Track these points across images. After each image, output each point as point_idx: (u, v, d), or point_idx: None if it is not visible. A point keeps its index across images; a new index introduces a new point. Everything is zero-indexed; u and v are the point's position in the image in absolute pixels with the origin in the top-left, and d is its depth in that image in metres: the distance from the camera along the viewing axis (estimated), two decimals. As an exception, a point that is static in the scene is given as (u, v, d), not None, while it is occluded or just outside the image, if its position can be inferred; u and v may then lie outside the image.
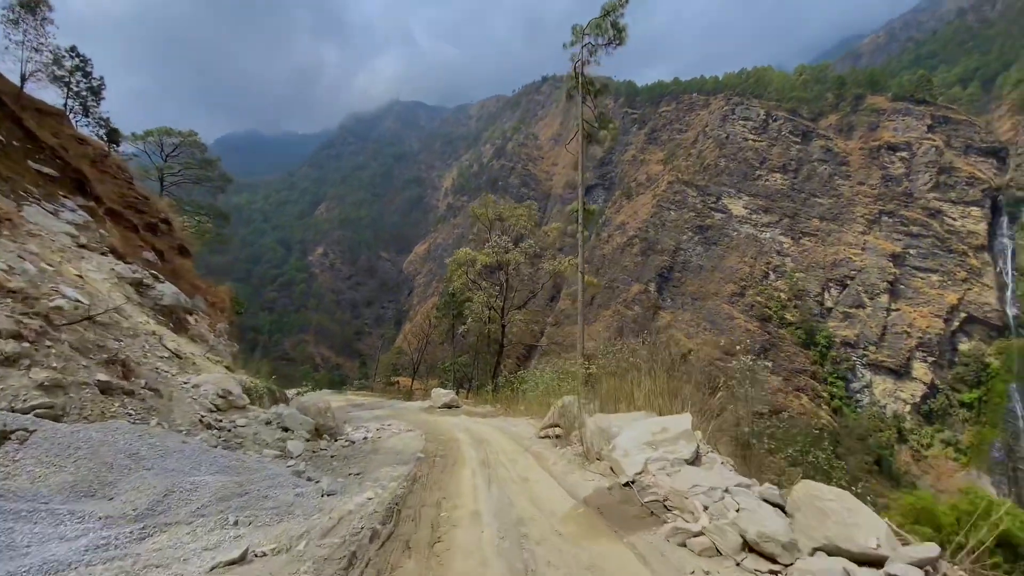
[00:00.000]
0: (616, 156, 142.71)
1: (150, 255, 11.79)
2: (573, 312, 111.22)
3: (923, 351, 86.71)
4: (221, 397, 6.38)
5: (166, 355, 7.04)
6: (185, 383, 6.41)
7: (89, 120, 18.78)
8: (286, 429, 6.66)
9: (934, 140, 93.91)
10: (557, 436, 6.98)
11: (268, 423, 6.58)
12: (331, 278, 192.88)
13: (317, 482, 4.74)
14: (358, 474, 5.33)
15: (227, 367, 8.92)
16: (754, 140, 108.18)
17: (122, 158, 16.31)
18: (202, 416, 5.80)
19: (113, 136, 18.48)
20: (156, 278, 9.75)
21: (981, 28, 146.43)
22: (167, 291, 9.62)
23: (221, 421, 6.04)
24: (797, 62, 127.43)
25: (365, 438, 7.89)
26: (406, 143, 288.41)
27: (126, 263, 9.18)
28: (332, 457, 6.21)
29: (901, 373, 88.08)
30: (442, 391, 18.35)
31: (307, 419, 6.88)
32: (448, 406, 17.30)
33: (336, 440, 7.17)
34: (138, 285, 8.98)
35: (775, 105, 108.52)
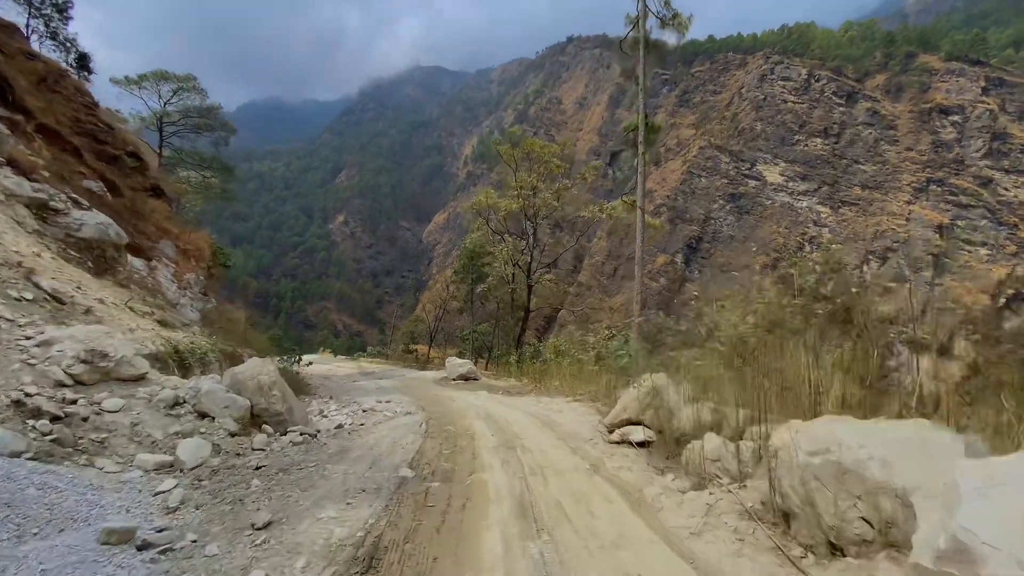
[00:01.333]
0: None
1: (95, 184, 9.38)
2: (595, 284, 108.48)
3: (967, 329, 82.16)
4: (84, 362, 3.94)
5: (28, 298, 4.64)
6: (27, 338, 4.00)
7: (56, 43, 16.38)
8: (203, 415, 4.21)
9: (989, 103, 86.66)
10: (645, 443, 4.42)
11: (174, 405, 4.14)
12: (352, 246, 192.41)
13: (155, 557, 2.25)
14: (264, 528, 2.76)
15: (160, 321, 6.54)
16: (794, 102, 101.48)
17: (82, 81, 13.90)
18: (26, 395, 3.37)
19: (83, 61, 16.06)
20: (76, 204, 7.35)
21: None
22: (89, 220, 7.22)
23: (74, 403, 3.63)
24: (839, 21, 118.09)
25: (340, 426, 5.41)
26: (426, 110, 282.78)
27: (31, 180, 6.80)
28: (257, 470, 3.73)
29: (942, 351, 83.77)
30: (458, 360, 15.90)
31: (238, 400, 4.42)
32: (465, 378, 14.88)
33: (286, 433, 4.70)
34: (41, 208, 6.60)
35: (818, 64, 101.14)
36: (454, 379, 14.97)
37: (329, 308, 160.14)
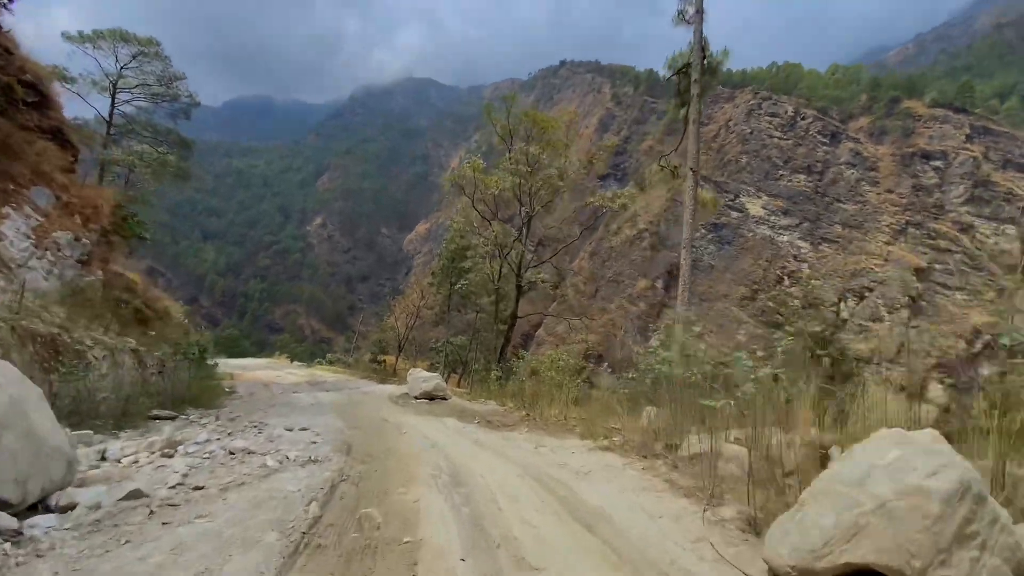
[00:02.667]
0: (632, 146, 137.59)
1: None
2: (576, 304, 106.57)
3: (941, 373, 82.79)
4: None
5: None
6: None
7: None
8: None
9: (972, 151, 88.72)
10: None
11: None
12: (328, 249, 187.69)
13: None
14: None
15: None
16: (779, 138, 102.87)
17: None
18: None
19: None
20: None
21: (1021, 44, 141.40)
22: None
23: None
24: (825, 66, 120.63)
25: (137, 493, 2.75)
26: (415, 120, 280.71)
27: None
28: None
29: (916, 394, 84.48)
30: (423, 374, 13.29)
31: None
32: (430, 396, 12.33)
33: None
34: None
35: (804, 103, 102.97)
36: (416, 396, 12.41)
37: (298, 312, 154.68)
